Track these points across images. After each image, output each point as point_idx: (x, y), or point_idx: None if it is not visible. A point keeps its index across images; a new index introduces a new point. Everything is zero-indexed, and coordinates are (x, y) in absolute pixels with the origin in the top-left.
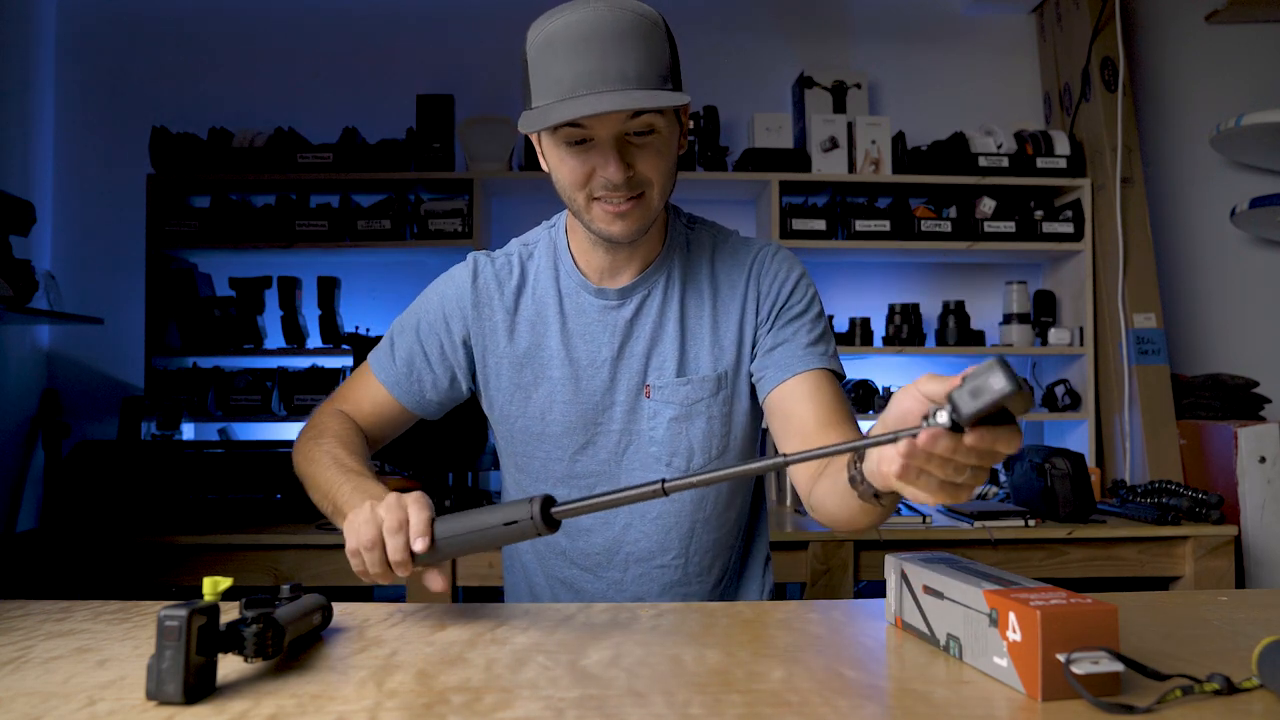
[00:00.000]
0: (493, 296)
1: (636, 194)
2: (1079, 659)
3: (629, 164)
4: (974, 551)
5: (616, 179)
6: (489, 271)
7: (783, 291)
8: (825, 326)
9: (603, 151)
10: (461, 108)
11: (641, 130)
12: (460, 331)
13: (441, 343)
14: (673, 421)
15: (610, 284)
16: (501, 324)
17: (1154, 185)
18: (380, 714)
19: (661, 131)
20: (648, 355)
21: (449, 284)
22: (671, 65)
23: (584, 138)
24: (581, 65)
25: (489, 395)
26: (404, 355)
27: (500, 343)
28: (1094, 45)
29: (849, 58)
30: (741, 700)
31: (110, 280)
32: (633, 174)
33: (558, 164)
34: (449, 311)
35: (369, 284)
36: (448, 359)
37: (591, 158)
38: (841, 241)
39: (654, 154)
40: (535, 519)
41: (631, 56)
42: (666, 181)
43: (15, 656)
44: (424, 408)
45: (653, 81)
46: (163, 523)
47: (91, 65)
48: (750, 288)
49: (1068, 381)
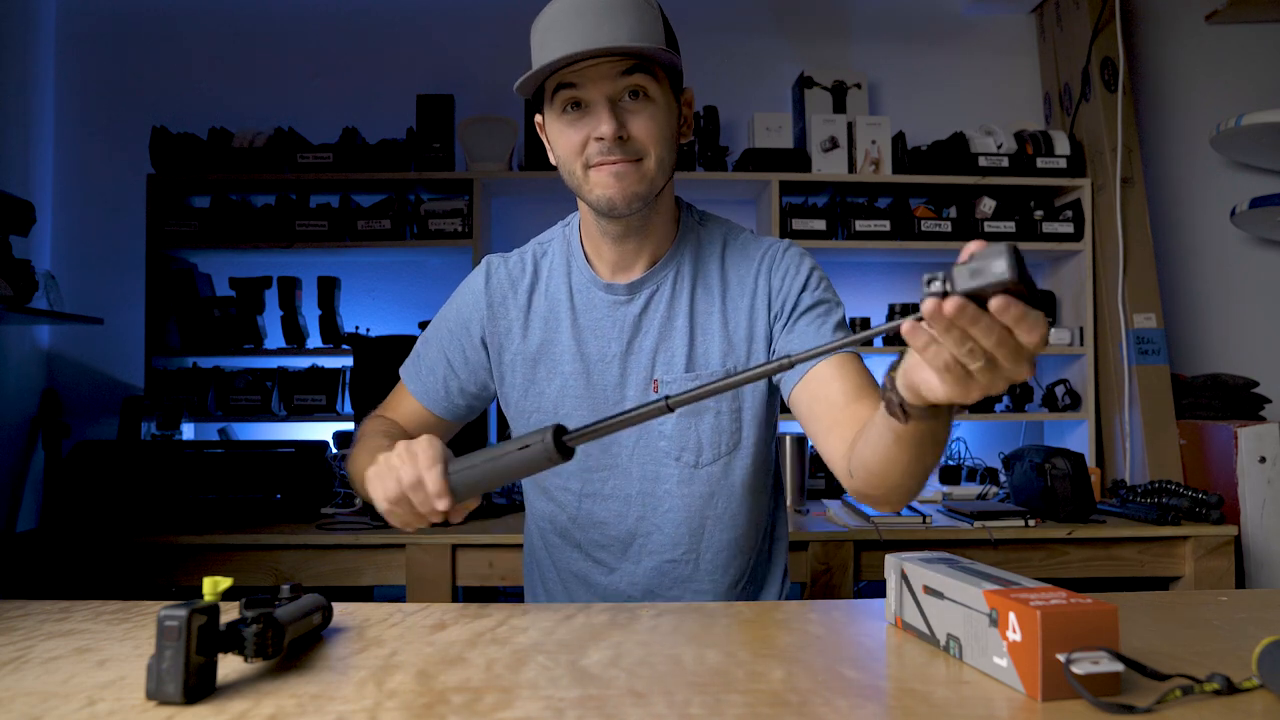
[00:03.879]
0: (506, 296)
1: (633, 159)
2: (1079, 659)
3: (622, 124)
4: (974, 551)
5: (607, 132)
6: (502, 272)
7: (794, 286)
8: (841, 315)
9: (595, 112)
10: (461, 108)
11: (634, 92)
12: (479, 333)
13: (464, 347)
14: (681, 417)
15: (620, 279)
16: (516, 322)
17: (1154, 185)
18: (380, 714)
19: (656, 100)
20: (656, 350)
21: (465, 290)
22: (666, 40)
23: (578, 99)
24: (573, 33)
25: (504, 391)
26: (429, 365)
27: (515, 340)
28: (1094, 45)
29: (849, 58)
30: (741, 700)
31: (110, 280)
32: (626, 136)
33: (557, 138)
34: (466, 316)
35: (369, 284)
36: (470, 362)
37: (586, 123)
38: (841, 241)
39: (647, 119)
40: (547, 443)
41: (624, 23)
42: (664, 152)
43: (15, 656)
44: (454, 412)
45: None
46: (163, 523)
47: (91, 65)
48: (760, 284)
49: (1068, 381)
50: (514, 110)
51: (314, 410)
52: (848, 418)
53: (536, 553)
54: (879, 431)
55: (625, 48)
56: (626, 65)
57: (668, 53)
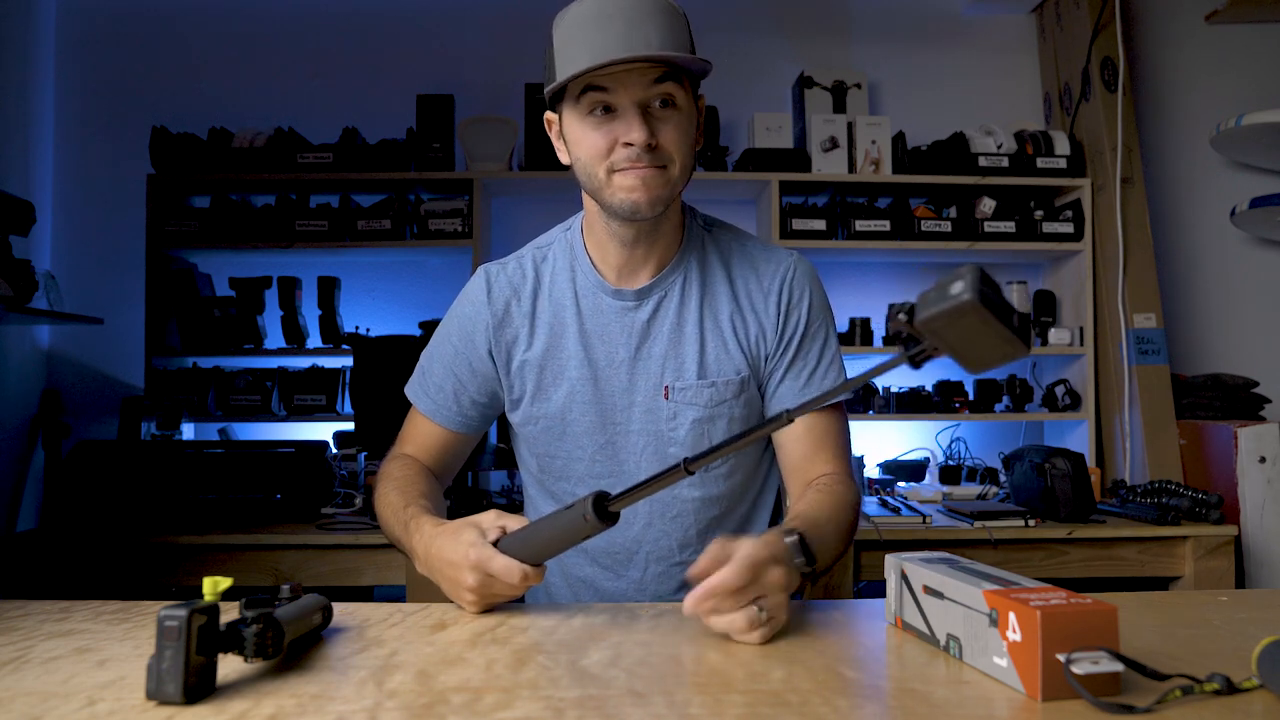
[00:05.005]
0: (510, 303)
1: (659, 165)
2: (1079, 659)
3: (652, 132)
4: (974, 551)
5: (640, 139)
6: (502, 279)
7: (800, 319)
8: (834, 352)
9: (625, 118)
10: (461, 108)
11: (664, 101)
12: (485, 345)
13: (470, 360)
14: (696, 423)
15: (628, 284)
16: (522, 329)
17: (1154, 185)
18: (380, 714)
19: (682, 108)
20: (665, 357)
21: (465, 303)
22: (691, 49)
23: (607, 104)
24: (606, 36)
25: (512, 399)
26: (437, 382)
27: (522, 347)
28: (1094, 45)
29: (849, 58)
30: (741, 700)
31: (110, 280)
32: (655, 144)
33: (579, 139)
34: (470, 329)
35: (369, 284)
36: (478, 374)
37: (614, 127)
38: (841, 241)
39: (675, 128)
40: (589, 517)
41: (655, 29)
42: (687, 161)
43: (15, 656)
44: (469, 425)
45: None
46: (163, 523)
47: (91, 65)
48: (772, 304)
49: (1068, 381)
50: (514, 110)
51: (314, 410)
52: (802, 471)
53: None
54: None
55: (663, 56)
56: (659, 73)
57: (701, 62)
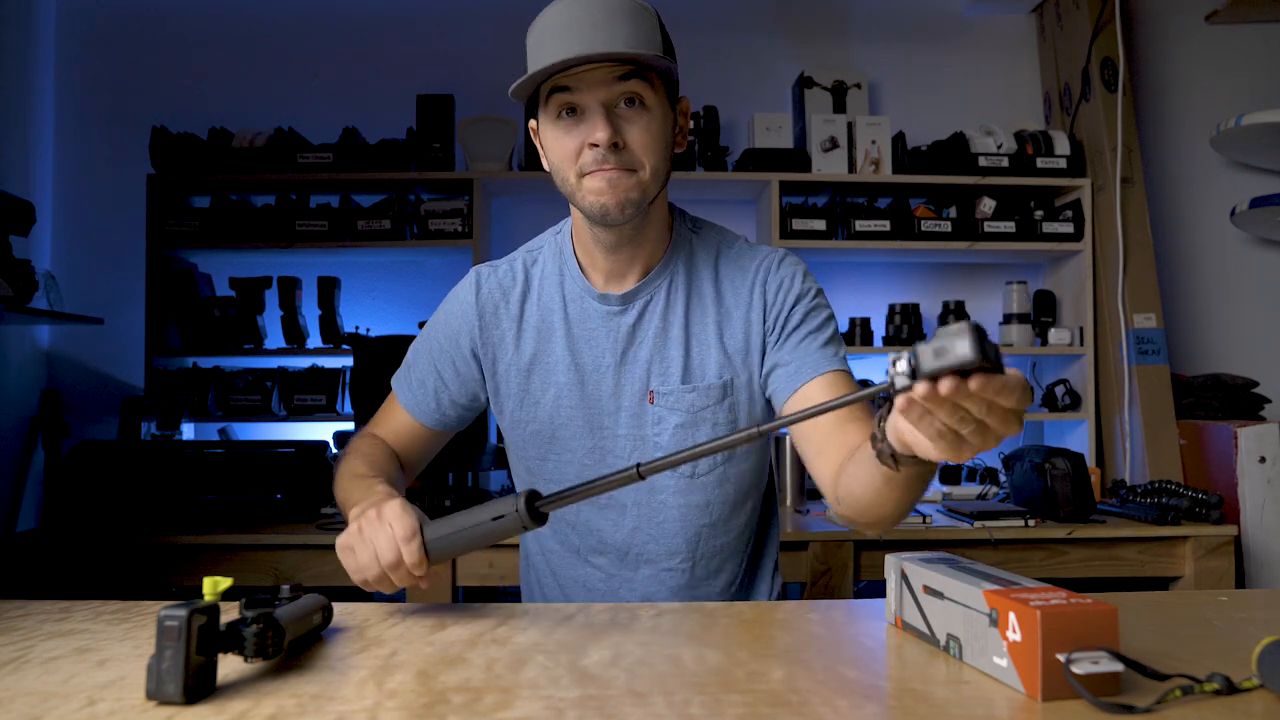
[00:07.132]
0: (498, 306)
1: (628, 168)
2: (1079, 659)
3: (617, 131)
4: (974, 551)
5: (602, 139)
6: (492, 282)
7: (788, 300)
8: (834, 330)
9: (590, 118)
10: (461, 108)
11: (630, 100)
12: (469, 346)
13: (454, 360)
14: (678, 428)
15: (614, 288)
16: (509, 332)
17: (1154, 185)
18: (380, 714)
19: (652, 108)
20: (651, 361)
21: (454, 302)
22: (664, 48)
23: (573, 104)
24: (570, 37)
25: (499, 402)
26: (419, 378)
27: (509, 351)
28: (1094, 45)
29: (849, 58)
30: (741, 700)
31: (110, 280)
32: (622, 145)
33: (551, 144)
34: (456, 329)
35: (369, 284)
36: (461, 375)
37: (581, 129)
38: (841, 241)
39: (643, 130)
40: (521, 512)
41: (621, 30)
42: (659, 161)
43: (15, 656)
44: (445, 423)
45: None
46: (163, 523)
47: (91, 65)
48: (756, 296)
49: (1068, 381)
50: (514, 110)
51: (314, 410)
52: (836, 443)
53: (532, 558)
54: (868, 470)
55: (621, 54)
56: (622, 71)
57: (663, 59)
